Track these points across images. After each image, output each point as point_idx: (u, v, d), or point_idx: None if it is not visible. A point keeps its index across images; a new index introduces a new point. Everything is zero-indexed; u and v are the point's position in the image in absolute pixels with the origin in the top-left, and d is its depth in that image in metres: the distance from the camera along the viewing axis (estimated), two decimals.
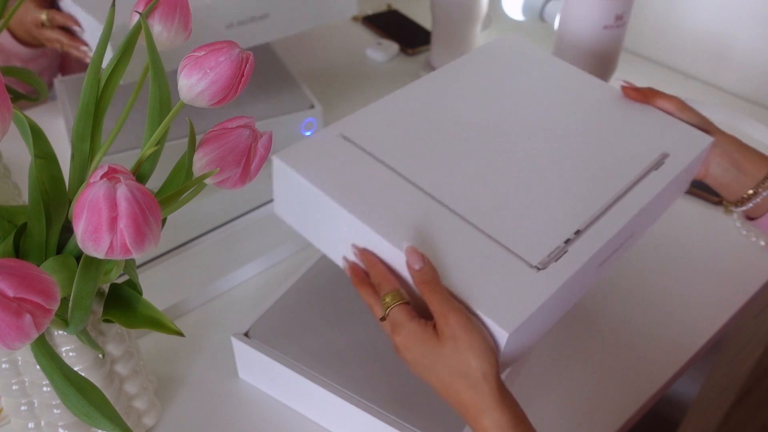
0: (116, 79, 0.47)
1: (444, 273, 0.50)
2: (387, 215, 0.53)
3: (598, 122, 0.65)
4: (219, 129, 0.46)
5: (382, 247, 0.52)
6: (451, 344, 0.47)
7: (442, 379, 0.48)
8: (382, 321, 0.51)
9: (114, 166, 0.39)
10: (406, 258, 0.50)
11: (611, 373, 0.70)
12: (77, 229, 0.38)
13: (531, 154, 0.60)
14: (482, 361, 0.46)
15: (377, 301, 0.51)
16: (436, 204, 0.54)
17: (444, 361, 0.47)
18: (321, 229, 0.57)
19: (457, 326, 0.47)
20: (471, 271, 0.51)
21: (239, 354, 0.66)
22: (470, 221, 0.54)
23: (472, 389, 0.47)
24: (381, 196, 0.54)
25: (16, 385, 0.55)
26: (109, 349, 0.56)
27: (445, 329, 0.47)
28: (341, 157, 0.57)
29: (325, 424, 0.64)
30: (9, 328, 0.35)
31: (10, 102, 0.40)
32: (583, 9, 0.89)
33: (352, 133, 0.59)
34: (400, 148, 0.59)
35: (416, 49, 1.20)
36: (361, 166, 0.57)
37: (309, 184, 0.54)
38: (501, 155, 0.60)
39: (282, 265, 0.82)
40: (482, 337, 0.47)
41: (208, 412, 0.66)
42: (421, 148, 0.59)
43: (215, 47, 0.43)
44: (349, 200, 0.53)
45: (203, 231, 0.82)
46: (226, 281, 0.78)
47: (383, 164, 0.57)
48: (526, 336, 0.51)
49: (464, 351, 0.47)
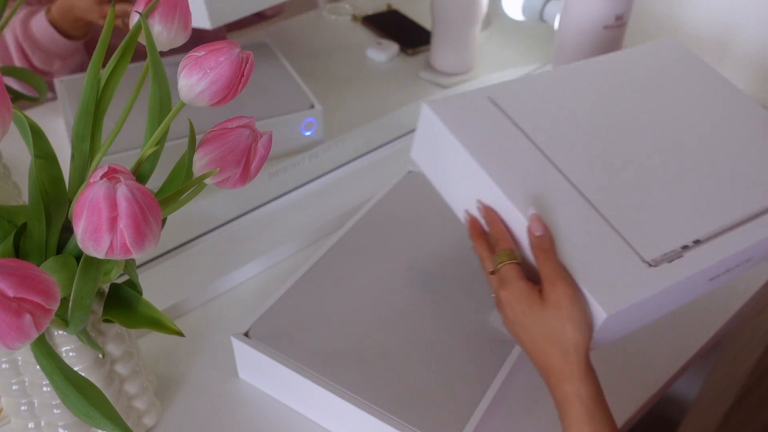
0: (116, 79, 0.47)
1: (559, 246, 0.53)
2: (517, 181, 0.55)
3: (744, 142, 0.65)
4: (219, 129, 0.46)
5: (507, 209, 0.55)
6: (552, 310, 0.50)
7: (535, 340, 0.51)
8: (491, 274, 0.54)
9: (114, 166, 0.39)
10: (529, 223, 0.53)
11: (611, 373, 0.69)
12: (77, 229, 0.38)
13: (668, 156, 0.61)
14: (578, 333, 0.50)
15: (489, 255, 0.55)
16: (566, 182, 0.57)
17: (542, 323, 0.50)
18: (451, 179, 0.61)
19: (563, 295, 0.50)
20: (585, 250, 0.53)
21: (239, 354, 0.66)
22: (594, 205, 0.56)
23: (562, 355, 0.50)
24: (515, 162, 0.57)
25: (16, 385, 0.55)
26: (109, 349, 0.56)
27: (550, 295, 0.50)
28: (485, 119, 0.60)
29: (325, 424, 0.64)
30: (9, 328, 0.35)
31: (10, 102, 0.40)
32: (583, 9, 0.89)
33: (500, 98, 0.62)
34: (541, 122, 0.61)
35: (416, 49, 1.20)
36: (502, 131, 0.59)
37: (452, 136, 0.57)
38: (638, 150, 0.61)
39: (282, 265, 0.82)
40: (583, 312, 0.50)
41: (208, 412, 0.66)
42: (562, 126, 0.61)
43: (215, 47, 0.43)
44: (485, 159, 0.56)
45: (203, 231, 0.82)
46: (226, 281, 0.78)
47: (523, 133, 0.60)
48: (619, 325, 0.53)
49: (564, 319, 0.50)
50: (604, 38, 0.90)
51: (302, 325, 0.65)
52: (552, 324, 0.50)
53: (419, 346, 0.63)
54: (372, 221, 0.76)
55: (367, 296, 0.67)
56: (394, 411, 0.58)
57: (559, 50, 0.95)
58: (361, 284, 0.69)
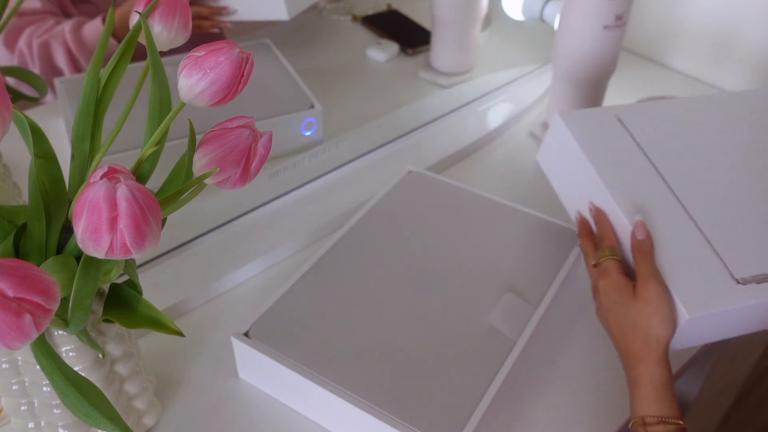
0: (116, 79, 0.47)
1: (657, 251, 0.59)
2: (629, 191, 0.63)
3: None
4: (219, 129, 0.46)
5: (615, 213, 0.62)
6: (642, 304, 0.57)
7: (622, 326, 0.58)
8: (594, 266, 0.62)
9: (114, 166, 0.39)
10: (634, 228, 0.60)
11: (612, 373, 0.69)
12: (77, 229, 0.38)
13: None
14: (661, 326, 0.56)
15: (593, 252, 0.63)
16: (672, 196, 0.64)
17: (631, 313, 0.57)
18: (569, 182, 0.70)
19: (654, 292, 0.56)
20: (680, 258, 0.59)
21: (239, 354, 0.66)
22: (695, 220, 0.62)
23: (643, 342, 0.56)
24: (629, 173, 0.65)
25: (16, 385, 0.55)
26: (109, 349, 0.56)
27: (642, 290, 0.57)
28: (609, 133, 0.68)
29: (325, 424, 0.64)
30: (9, 328, 0.35)
31: (10, 102, 0.40)
32: (583, 9, 0.89)
33: (626, 117, 0.70)
34: (659, 143, 0.68)
35: (416, 49, 1.20)
36: (622, 145, 0.68)
37: (577, 145, 0.66)
38: (744, 180, 0.67)
39: (282, 265, 0.82)
40: (670, 309, 0.56)
41: (208, 412, 0.66)
42: (677, 150, 0.68)
43: (215, 47, 0.43)
44: (602, 167, 0.65)
45: (203, 231, 0.82)
46: (226, 281, 0.78)
47: (641, 150, 0.67)
48: (700, 330, 0.58)
49: (651, 312, 0.56)
50: (604, 38, 0.90)
51: (302, 325, 0.65)
52: (640, 315, 0.57)
53: (419, 346, 0.63)
54: (372, 221, 0.76)
55: (367, 296, 0.67)
56: (394, 411, 0.58)
57: (559, 50, 0.95)
58: (361, 284, 0.69)
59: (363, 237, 0.74)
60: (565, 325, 0.74)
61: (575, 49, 0.92)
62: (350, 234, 0.74)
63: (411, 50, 1.20)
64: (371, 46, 1.20)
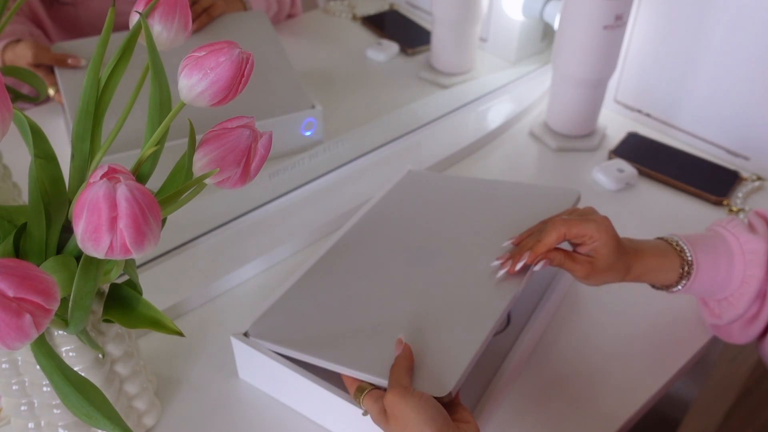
0: (116, 79, 0.47)
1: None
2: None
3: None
4: (219, 129, 0.46)
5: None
6: (393, 421, 0.51)
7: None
8: (363, 415, 0.56)
9: (114, 166, 0.39)
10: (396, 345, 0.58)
11: (612, 373, 0.70)
12: (77, 229, 0.38)
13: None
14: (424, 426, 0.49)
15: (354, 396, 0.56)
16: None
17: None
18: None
19: (390, 402, 0.50)
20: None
21: (239, 354, 0.66)
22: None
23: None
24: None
25: (16, 385, 0.55)
26: (109, 349, 0.56)
27: (387, 409, 0.51)
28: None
29: (325, 424, 0.64)
30: (9, 328, 0.35)
31: (10, 102, 0.40)
32: (583, 9, 0.89)
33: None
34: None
35: (416, 49, 1.20)
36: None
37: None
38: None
39: (282, 265, 0.82)
40: (414, 409, 0.50)
41: (208, 412, 0.66)
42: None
43: (215, 47, 0.43)
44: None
45: (203, 231, 0.82)
46: (226, 281, 0.78)
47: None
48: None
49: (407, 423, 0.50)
50: (604, 38, 0.90)
51: (302, 325, 0.65)
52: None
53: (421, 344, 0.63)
54: (372, 221, 0.76)
55: (367, 296, 0.67)
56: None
57: (559, 50, 0.95)
58: (361, 284, 0.68)
59: (363, 237, 0.74)
60: (566, 323, 0.74)
61: (575, 49, 0.92)
62: (350, 234, 0.74)
63: (411, 50, 1.20)
64: (371, 46, 1.20)
